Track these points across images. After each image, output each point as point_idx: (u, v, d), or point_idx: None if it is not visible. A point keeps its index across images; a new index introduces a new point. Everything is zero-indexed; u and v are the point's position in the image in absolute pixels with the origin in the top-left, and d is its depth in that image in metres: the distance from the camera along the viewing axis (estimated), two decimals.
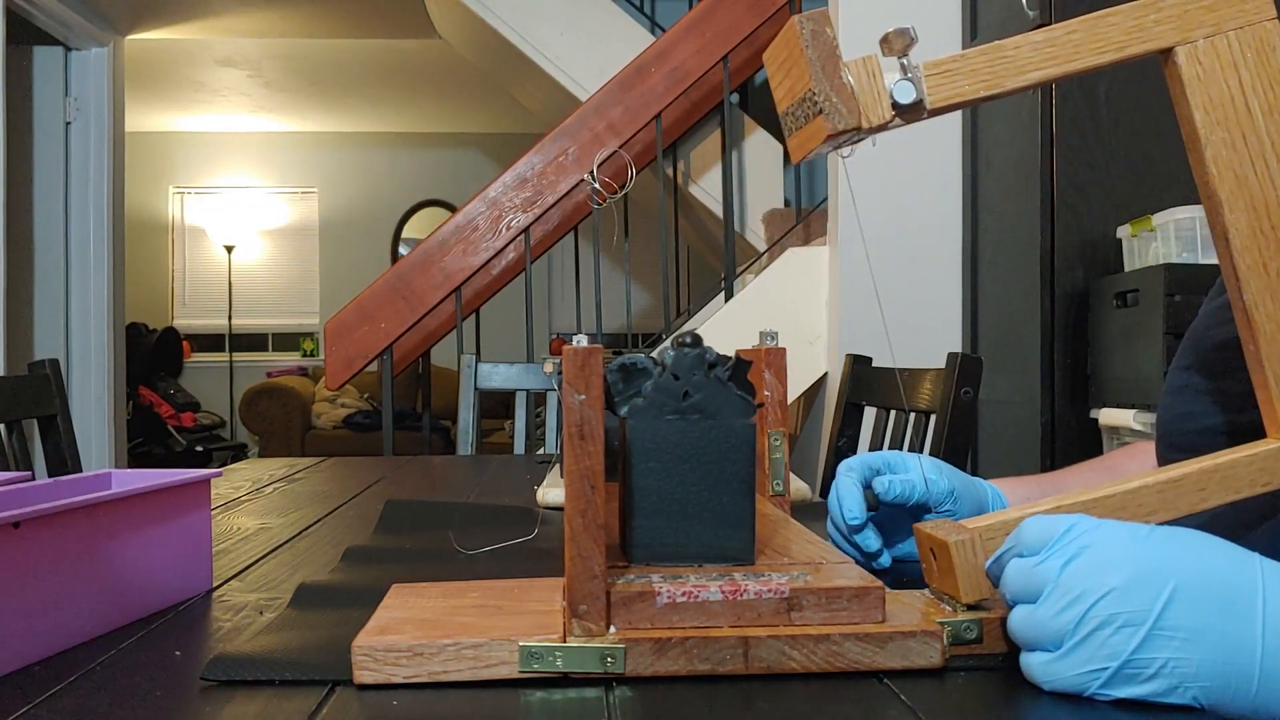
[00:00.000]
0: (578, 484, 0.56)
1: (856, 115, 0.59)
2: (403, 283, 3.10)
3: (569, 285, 6.71)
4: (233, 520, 1.12)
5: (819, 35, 0.59)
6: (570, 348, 0.56)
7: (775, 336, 0.90)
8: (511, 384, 2.05)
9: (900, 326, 2.68)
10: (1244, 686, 0.50)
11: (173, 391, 6.64)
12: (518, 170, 3.13)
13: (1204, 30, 0.60)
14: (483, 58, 4.60)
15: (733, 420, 0.63)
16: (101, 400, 4.25)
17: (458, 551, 0.90)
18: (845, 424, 1.69)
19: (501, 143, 7.24)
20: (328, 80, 6.17)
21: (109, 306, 4.27)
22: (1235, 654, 0.50)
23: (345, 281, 7.00)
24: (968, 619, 0.59)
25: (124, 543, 0.68)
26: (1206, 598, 0.50)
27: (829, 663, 0.56)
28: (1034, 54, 0.60)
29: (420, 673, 0.55)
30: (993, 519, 0.62)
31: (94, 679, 0.58)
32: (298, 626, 0.66)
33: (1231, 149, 0.60)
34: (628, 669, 0.56)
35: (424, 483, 1.46)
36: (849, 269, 2.74)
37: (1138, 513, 0.61)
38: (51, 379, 1.55)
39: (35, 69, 4.17)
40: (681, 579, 0.59)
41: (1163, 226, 1.95)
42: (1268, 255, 0.60)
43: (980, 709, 0.53)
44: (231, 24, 4.91)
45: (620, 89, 3.18)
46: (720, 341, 0.97)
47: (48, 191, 4.18)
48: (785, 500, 0.88)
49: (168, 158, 7.28)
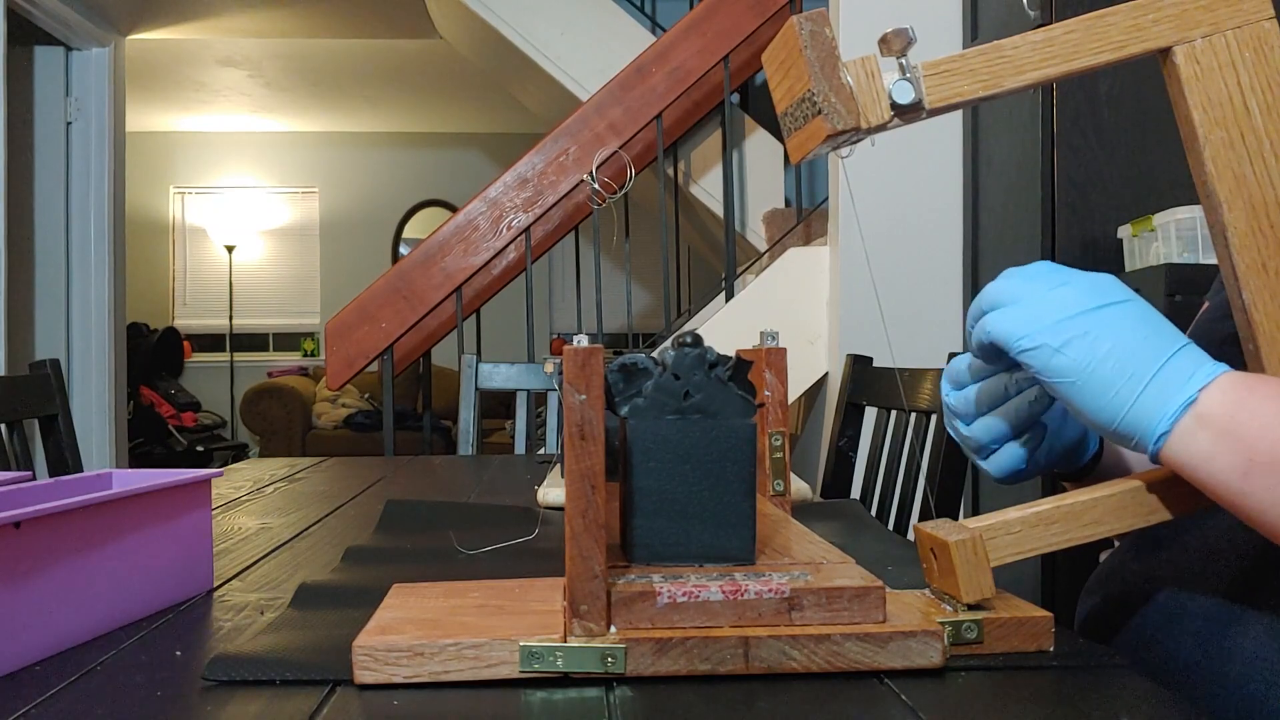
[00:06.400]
0: (578, 484, 0.56)
1: (855, 115, 0.59)
2: (403, 282, 3.10)
3: (570, 285, 6.71)
4: (233, 520, 1.12)
5: (818, 35, 0.59)
6: (571, 348, 0.56)
7: (776, 336, 0.90)
8: (512, 384, 2.05)
9: (900, 326, 2.68)
10: (1122, 396, 0.57)
11: (173, 391, 6.65)
12: (518, 170, 3.13)
13: (1202, 30, 0.60)
14: (483, 58, 4.60)
15: (733, 420, 0.63)
16: (102, 400, 4.25)
17: (458, 551, 0.90)
18: (845, 424, 1.69)
19: (501, 143, 7.25)
20: (328, 80, 6.17)
21: (110, 306, 4.28)
22: (1138, 367, 0.57)
23: (346, 281, 7.01)
24: (968, 619, 0.59)
25: (124, 543, 0.68)
26: (1149, 321, 0.58)
27: (829, 663, 0.56)
28: (1032, 54, 0.60)
29: (421, 673, 0.55)
30: (992, 519, 0.62)
31: (94, 679, 0.58)
32: (298, 626, 0.66)
33: (1230, 148, 0.60)
34: (628, 669, 0.56)
35: (424, 483, 1.46)
36: (849, 269, 2.74)
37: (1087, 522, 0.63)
38: (52, 379, 1.55)
39: (36, 69, 4.17)
40: (682, 579, 0.59)
41: (1163, 226, 1.95)
42: (1266, 254, 0.60)
43: (980, 709, 0.53)
44: (232, 24, 4.91)
45: (621, 89, 3.18)
46: (721, 341, 0.97)
47: (48, 191, 4.19)
48: (785, 500, 0.88)
49: (168, 158, 7.29)
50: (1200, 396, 0.56)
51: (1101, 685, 0.55)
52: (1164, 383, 0.56)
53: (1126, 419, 0.57)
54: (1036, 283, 0.60)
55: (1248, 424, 0.55)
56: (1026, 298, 0.60)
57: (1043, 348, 0.58)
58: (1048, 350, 0.58)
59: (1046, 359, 0.58)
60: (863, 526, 1.05)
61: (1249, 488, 0.55)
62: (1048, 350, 0.58)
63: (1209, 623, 0.68)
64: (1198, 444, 0.56)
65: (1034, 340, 0.59)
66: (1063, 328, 0.58)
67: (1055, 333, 0.58)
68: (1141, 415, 0.57)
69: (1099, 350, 0.57)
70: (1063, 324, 0.58)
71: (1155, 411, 0.57)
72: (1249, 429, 0.55)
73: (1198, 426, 0.56)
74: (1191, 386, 0.56)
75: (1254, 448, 0.54)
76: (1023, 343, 0.59)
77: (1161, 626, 0.71)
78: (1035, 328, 0.59)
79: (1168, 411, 0.56)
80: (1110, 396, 0.57)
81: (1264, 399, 0.55)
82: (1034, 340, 0.59)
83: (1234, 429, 0.55)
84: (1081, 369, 0.57)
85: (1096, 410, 0.58)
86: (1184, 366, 0.57)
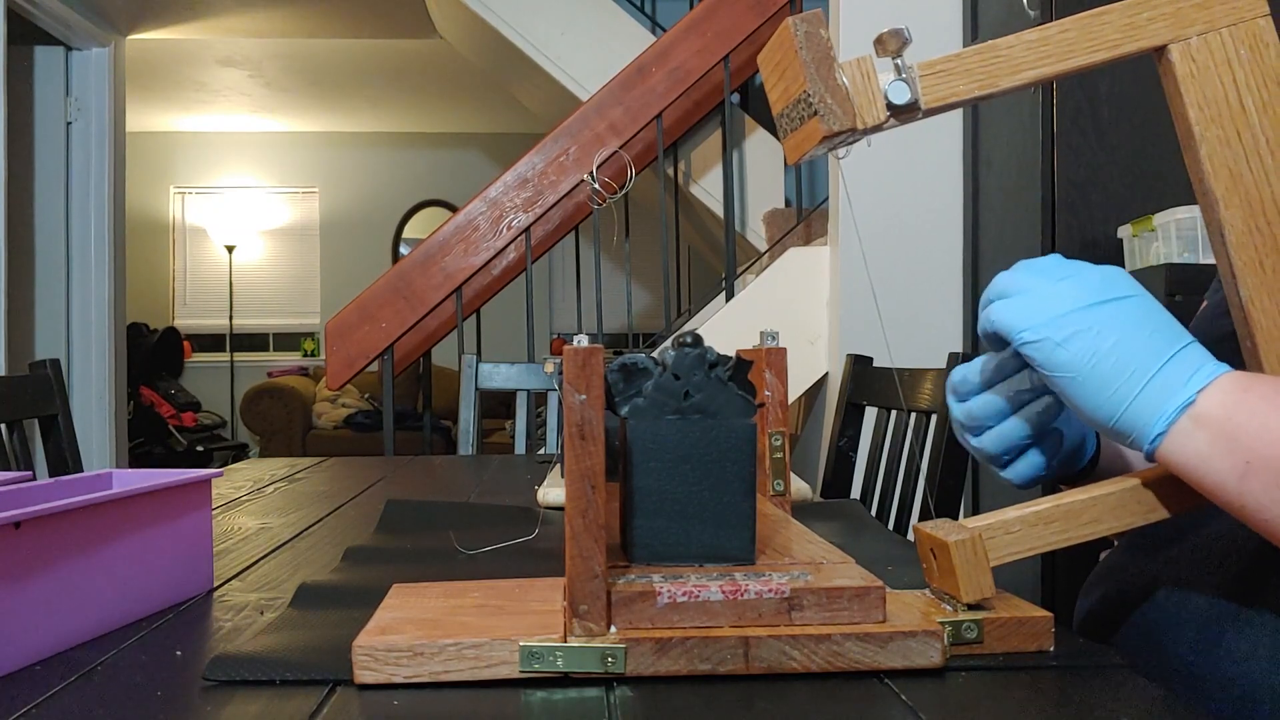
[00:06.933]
0: (578, 484, 0.56)
1: (851, 116, 0.59)
2: (403, 282, 3.10)
3: (570, 285, 6.71)
4: (233, 520, 1.12)
5: (813, 37, 0.59)
6: (571, 348, 0.56)
7: (776, 336, 0.90)
8: (512, 384, 2.05)
9: (900, 326, 2.68)
10: (1121, 394, 0.57)
11: (173, 391, 6.65)
12: (518, 170, 3.13)
13: (1197, 28, 0.60)
14: (483, 58, 4.60)
15: (733, 420, 0.63)
16: (102, 400, 4.25)
17: (458, 551, 0.90)
18: (845, 424, 1.69)
19: (501, 143, 7.24)
20: (328, 80, 6.17)
21: (110, 306, 4.28)
22: (1138, 365, 0.57)
23: (346, 281, 7.01)
24: (968, 619, 0.60)
25: (124, 543, 0.68)
26: (1154, 317, 0.58)
27: (829, 663, 0.57)
28: (1028, 53, 0.60)
29: (421, 673, 0.55)
30: (992, 518, 0.62)
31: (94, 679, 0.58)
32: (298, 626, 0.66)
33: (1226, 146, 0.60)
34: (628, 669, 0.56)
35: (424, 483, 1.46)
36: (849, 269, 2.74)
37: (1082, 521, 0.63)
38: (52, 379, 1.56)
39: (36, 69, 4.17)
40: (682, 579, 0.59)
41: (1163, 226, 1.95)
42: (1263, 252, 0.60)
43: (980, 709, 0.53)
44: (232, 24, 4.91)
45: (621, 89, 3.18)
46: (721, 341, 0.97)
47: (49, 191, 4.19)
48: (785, 500, 0.88)
49: (168, 158, 7.29)
50: (1198, 398, 0.56)
51: (1101, 685, 0.55)
52: (1163, 382, 0.56)
53: (1124, 417, 0.57)
54: (1044, 275, 0.60)
55: (1245, 425, 0.55)
56: (1033, 289, 0.60)
57: (1045, 341, 0.58)
58: (1049, 344, 0.58)
59: (1048, 353, 0.58)
60: (863, 526, 1.05)
61: (1246, 489, 0.55)
62: (1049, 344, 0.58)
63: (1208, 622, 0.68)
64: (1194, 445, 0.56)
65: (1036, 334, 0.59)
66: (1066, 322, 0.58)
67: (1058, 327, 0.58)
68: (1139, 414, 0.57)
69: (1101, 347, 0.57)
70: (1066, 318, 0.58)
71: (1153, 411, 0.57)
72: (1246, 430, 0.55)
73: (1194, 427, 0.56)
74: (1190, 388, 0.56)
75: (1251, 449, 0.54)
76: (1025, 335, 0.59)
77: (1161, 626, 0.71)
78: (1038, 320, 0.59)
79: (1165, 412, 0.56)
80: (1109, 394, 0.57)
81: (1261, 399, 0.55)
82: (1036, 334, 0.59)
83: (1231, 430, 0.55)
84: (1082, 365, 0.57)
85: (1095, 407, 0.58)
86: (1185, 366, 0.57)
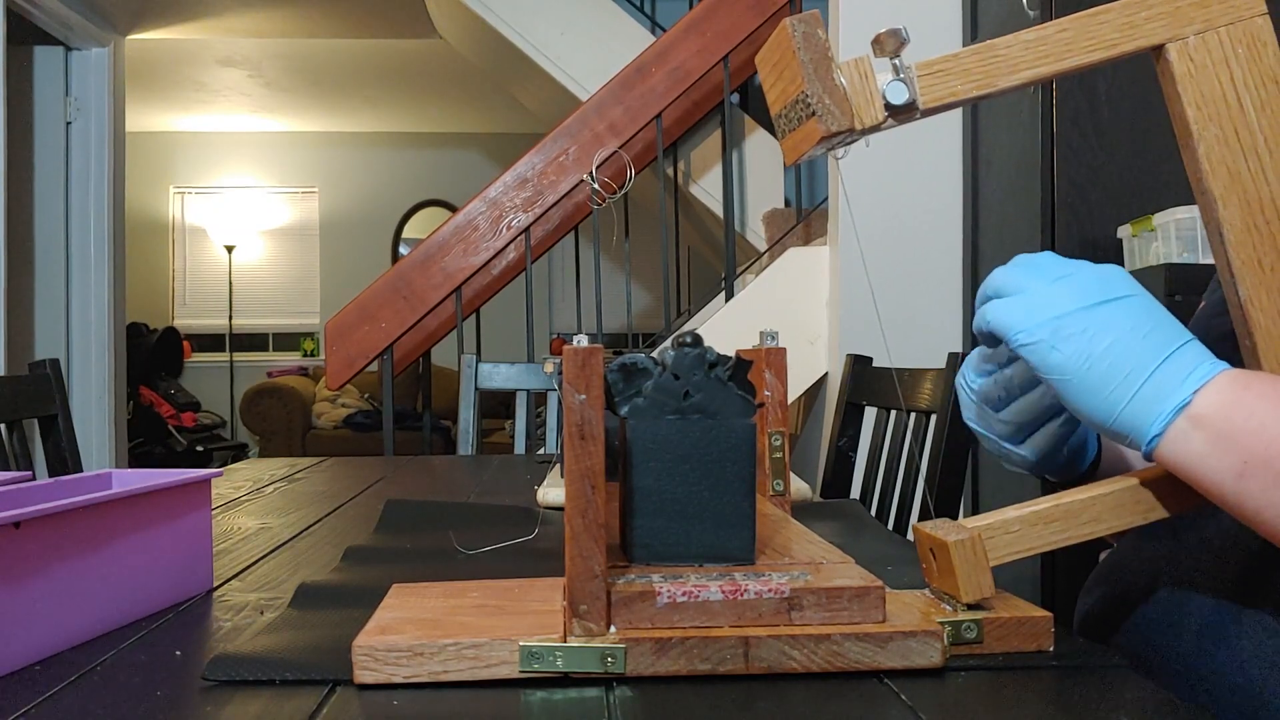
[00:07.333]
0: (578, 484, 0.56)
1: (849, 117, 0.59)
2: (403, 282, 3.10)
3: (569, 285, 6.70)
4: (233, 520, 1.12)
5: (811, 37, 0.59)
6: (571, 348, 0.56)
7: (775, 336, 0.90)
8: (512, 384, 2.05)
9: (900, 326, 2.68)
10: (1116, 396, 0.57)
11: (173, 391, 6.64)
12: (518, 170, 3.13)
13: (1195, 26, 0.60)
14: (483, 58, 4.60)
15: (733, 420, 0.63)
16: (102, 400, 4.25)
17: (458, 551, 0.90)
18: (845, 424, 1.69)
19: (501, 143, 7.24)
20: (328, 80, 6.17)
21: (109, 306, 4.28)
22: (1134, 366, 0.57)
23: (346, 281, 7.01)
24: (968, 619, 0.60)
25: (124, 543, 0.68)
26: (1151, 317, 0.58)
27: (829, 663, 0.57)
28: (1025, 53, 0.60)
29: (420, 672, 0.55)
30: (991, 518, 0.62)
31: (94, 679, 0.58)
32: (298, 626, 0.66)
33: (1224, 145, 0.60)
34: (628, 669, 0.56)
35: (424, 483, 1.46)
36: (849, 269, 2.74)
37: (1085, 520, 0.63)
38: (52, 379, 1.56)
39: (36, 69, 4.17)
40: (682, 579, 0.59)
41: (1163, 226, 1.95)
42: (1261, 250, 0.60)
43: (980, 709, 0.53)
44: (231, 24, 4.91)
45: (621, 89, 3.18)
46: (721, 341, 0.97)
47: (48, 191, 4.19)
48: (785, 500, 0.88)
49: (168, 158, 7.29)
50: (1195, 398, 0.56)
51: (1101, 685, 0.55)
52: (1159, 383, 0.56)
53: (1120, 419, 0.57)
54: (1040, 274, 0.60)
55: (1243, 425, 0.55)
56: (1029, 289, 0.60)
57: (1040, 343, 0.58)
58: (1045, 346, 0.58)
59: (1043, 355, 0.58)
60: (863, 526, 1.05)
61: (1244, 488, 0.55)
62: (1045, 346, 0.58)
63: (1208, 622, 0.68)
64: (1192, 445, 0.56)
65: (1032, 335, 0.58)
66: (1061, 324, 0.58)
67: (1053, 328, 0.58)
68: (1135, 416, 0.57)
69: (1095, 349, 0.57)
70: (1061, 320, 0.58)
71: (1149, 412, 0.57)
72: (1244, 430, 0.55)
73: (1191, 428, 0.56)
74: (1187, 388, 0.56)
75: (1249, 449, 0.54)
76: (1020, 336, 0.59)
77: (1161, 625, 0.71)
78: (1034, 322, 0.58)
79: (1161, 413, 0.56)
80: (1104, 396, 0.57)
81: (1259, 398, 0.55)
82: (1032, 335, 0.58)
83: (1228, 430, 0.55)
84: (1077, 367, 0.57)
85: (1092, 408, 0.58)
86: (1181, 366, 0.57)
